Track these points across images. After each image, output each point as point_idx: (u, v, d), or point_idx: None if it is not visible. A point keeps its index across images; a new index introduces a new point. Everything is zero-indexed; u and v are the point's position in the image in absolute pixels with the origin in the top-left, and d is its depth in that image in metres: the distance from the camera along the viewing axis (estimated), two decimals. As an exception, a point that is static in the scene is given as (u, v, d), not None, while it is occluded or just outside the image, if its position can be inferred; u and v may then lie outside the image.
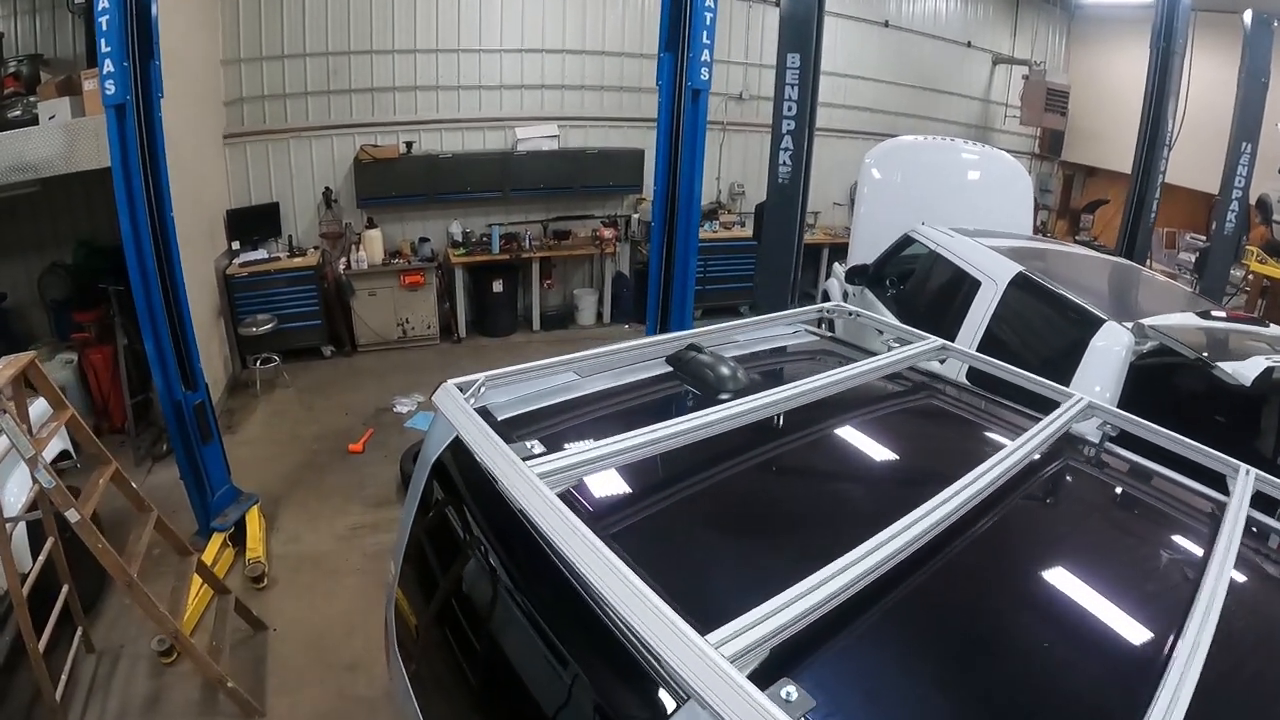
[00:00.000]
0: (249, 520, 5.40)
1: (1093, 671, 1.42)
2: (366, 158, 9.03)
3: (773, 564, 1.65)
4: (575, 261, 10.66)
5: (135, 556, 3.67)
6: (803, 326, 3.19)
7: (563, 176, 9.92)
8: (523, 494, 1.54)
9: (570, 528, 1.42)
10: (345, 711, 4.02)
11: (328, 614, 4.74)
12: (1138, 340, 3.69)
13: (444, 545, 2.21)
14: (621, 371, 2.52)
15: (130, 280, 4.59)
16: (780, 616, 1.24)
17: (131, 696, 4.06)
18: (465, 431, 1.86)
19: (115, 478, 3.90)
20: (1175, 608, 1.49)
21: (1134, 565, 1.84)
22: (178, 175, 5.98)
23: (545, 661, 1.57)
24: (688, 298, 5.75)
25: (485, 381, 2.15)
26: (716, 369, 2.40)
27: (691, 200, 5.47)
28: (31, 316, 7.19)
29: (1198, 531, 1.90)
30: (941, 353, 2.77)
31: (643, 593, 1.25)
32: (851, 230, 7.90)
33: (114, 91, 4.24)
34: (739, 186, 11.20)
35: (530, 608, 1.66)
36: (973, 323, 4.66)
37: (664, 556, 1.65)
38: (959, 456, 2.26)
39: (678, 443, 1.83)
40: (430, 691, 2.16)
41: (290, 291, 8.59)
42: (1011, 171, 7.85)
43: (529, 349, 9.73)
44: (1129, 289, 5.31)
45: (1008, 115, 12.82)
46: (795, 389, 2.16)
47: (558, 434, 2.16)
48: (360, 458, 6.77)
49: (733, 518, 1.88)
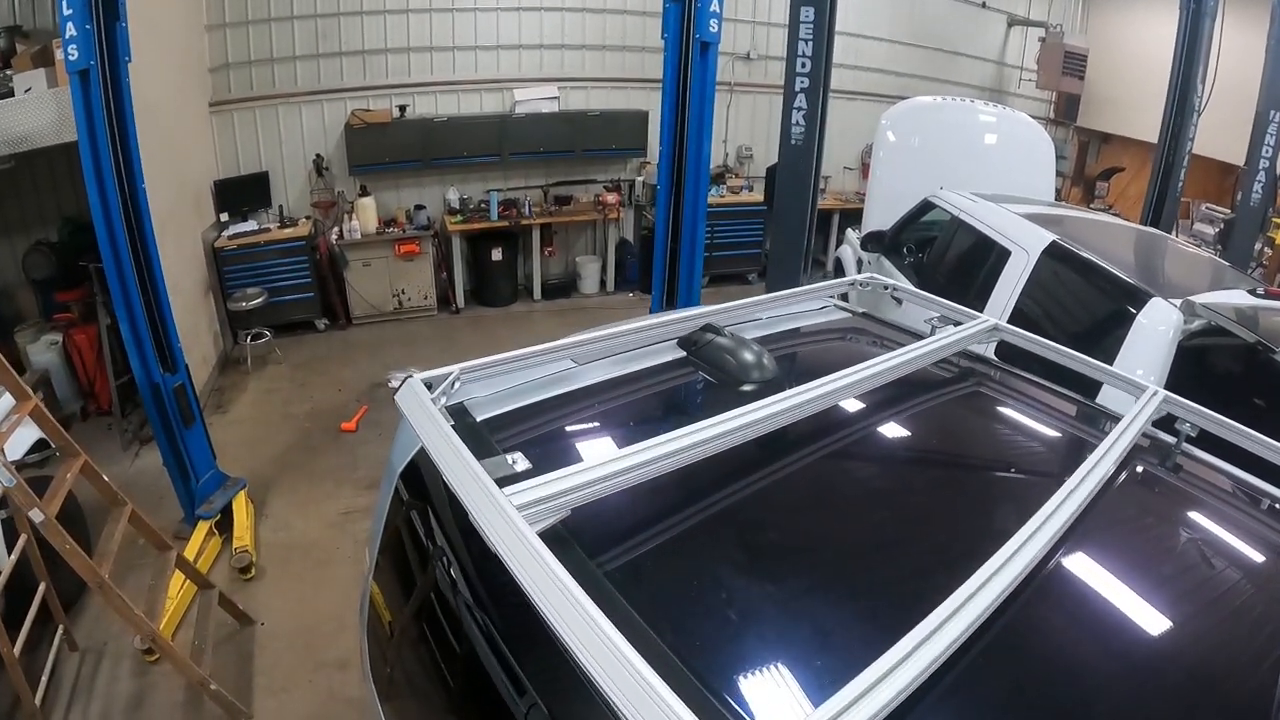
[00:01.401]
0: (236, 507, 5.16)
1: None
2: (358, 123, 8.70)
3: (832, 629, 1.33)
4: (577, 228, 10.34)
5: (107, 556, 3.41)
6: (831, 301, 2.86)
7: (563, 140, 9.59)
8: (496, 532, 1.23)
9: (558, 588, 1.11)
10: (335, 714, 3.81)
11: (317, 607, 4.51)
12: (1186, 319, 3.40)
13: (410, 578, 1.91)
14: (627, 357, 2.20)
15: (101, 256, 4.32)
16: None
17: (115, 697, 3.86)
18: (430, 443, 1.51)
19: (85, 470, 3.64)
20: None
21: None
22: (160, 146, 5.77)
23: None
24: (696, 266, 5.49)
25: (460, 375, 1.83)
26: (739, 354, 2.10)
27: (700, 161, 5.20)
28: (20, 298, 6.93)
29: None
30: (994, 334, 2.43)
31: (659, 694, 0.94)
32: (866, 195, 7.59)
33: (77, 56, 3.96)
34: (747, 150, 10.83)
35: (508, 659, 1.36)
36: (1001, 295, 4.35)
37: (687, 623, 1.29)
38: (1032, 469, 1.99)
39: (693, 456, 1.50)
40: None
41: (281, 264, 8.31)
42: (1033, 135, 7.51)
43: (530, 319, 9.47)
44: (1167, 261, 4.99)
45: (1023, 78, 12.33)
46: (836, 382, 1.81)
47: (549, 440, 1.87)
48: (353, 437, 6.54)
49: (771, 559, 1.53)
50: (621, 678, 0.97)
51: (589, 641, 1.03)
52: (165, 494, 5.11)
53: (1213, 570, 1.62)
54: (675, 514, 1.52)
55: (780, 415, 1.66)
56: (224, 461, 5.43)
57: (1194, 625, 1.44)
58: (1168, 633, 1.39)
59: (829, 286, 2.85)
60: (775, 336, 2.51)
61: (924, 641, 1.08)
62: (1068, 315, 4.15)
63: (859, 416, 1.95)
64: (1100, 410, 2.24)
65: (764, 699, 1.15)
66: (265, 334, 8.01)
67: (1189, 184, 8.20)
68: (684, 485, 1.55)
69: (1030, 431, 2.18)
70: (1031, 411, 2.22)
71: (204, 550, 4.75)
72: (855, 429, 1.93)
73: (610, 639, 1.02)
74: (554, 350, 2.03)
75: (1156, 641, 1.39)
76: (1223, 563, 1.65)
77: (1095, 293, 3.93)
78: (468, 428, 1.77)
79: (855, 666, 1.03)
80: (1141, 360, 3.40)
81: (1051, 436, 2.17)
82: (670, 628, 1.23)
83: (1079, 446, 2.06)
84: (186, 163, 7.41)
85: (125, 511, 3.75)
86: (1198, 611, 1.47)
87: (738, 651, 1.24)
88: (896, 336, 2.54)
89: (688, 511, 1.53)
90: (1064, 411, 2.24)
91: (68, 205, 6.79)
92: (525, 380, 2.01)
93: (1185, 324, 3.40)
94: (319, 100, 8.81)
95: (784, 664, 1.22)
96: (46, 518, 3.12)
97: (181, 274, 6.67)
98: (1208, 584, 1.57)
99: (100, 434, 6.29)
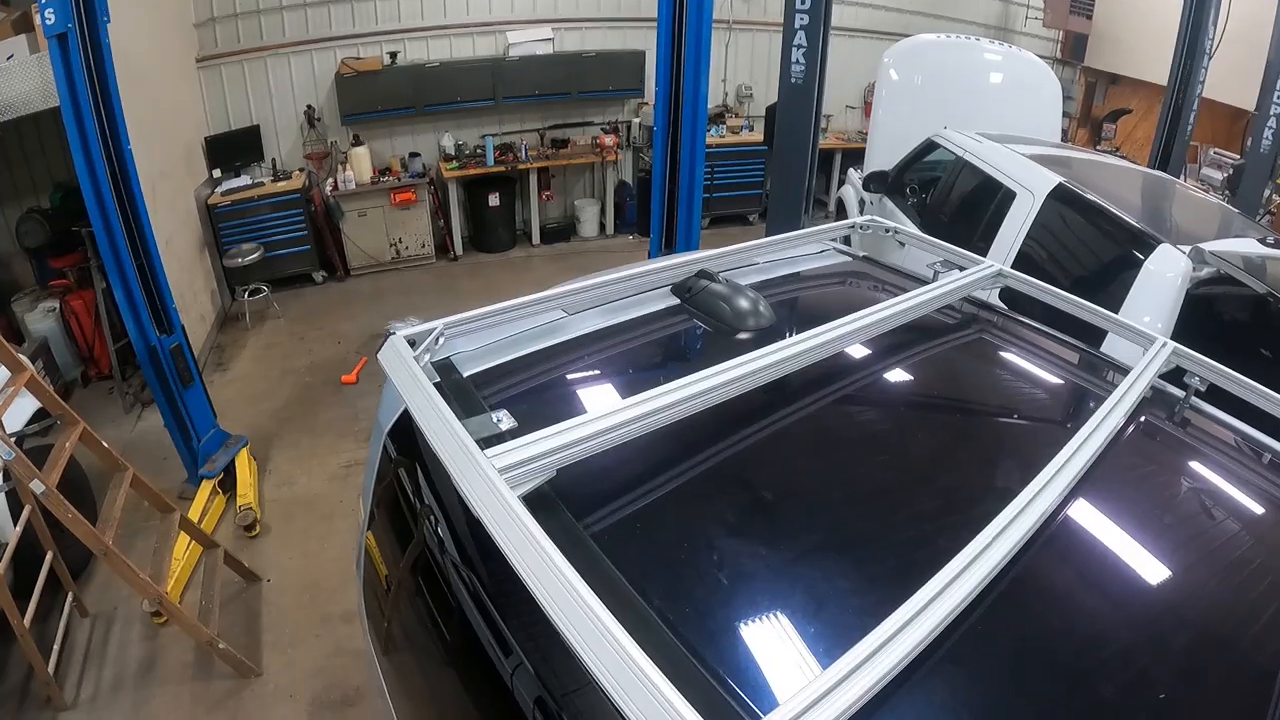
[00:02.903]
0: (239, 464, 5.16)
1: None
2: (349, 71, 8.51)
3: (834, 590, 1.28)
4: (575, 171, 10.21)
5: (110, 522, 3.42)
6: (831, 245, 2.78)
7: (559, 82, 9.41)
8: (478, 496, 1.19)
9: (539, 555, 1.07)
10: (343, 667, 3.83)
11: (322, 561, 4.54)
12: (1195, 266, 3.32)
13: (401, 534, 1.87)
14: (619, 305, 2.13)
15: (91, 221, 4.24)
16: (856, 681, 0.93)
17: (127, 661, 3.89)
18: (412, 404, 1.47)
19: (84, 438, 3.63)
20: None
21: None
22: (146, 106, 5.65)
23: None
24: (695, 208, 5.39)
25: (444, 330, 1.77)
26: (734, 301, 2.04)
27: (698, 101, 5.06)
28: (15, 267, 6.83)
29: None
30: (998, 280, 2.36)
31: (645, 674, 0.91)
32: (869, 134, 7.46)
33: (54, 20, 3.83)
34: (746, 89, 10.62)
35: (495, 619, 1.33)
36: (1006, 238, 4.27)
37: (678, 586, 1.25)
38: (1040, 420, 1.95)
39: (685, 411, 1.45)
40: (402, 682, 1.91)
41: (276, 218, 8.20)
42: (1039, 74, 7.34)
43: (529, 264, 9.41)
44: (1176, 207, 4.86)
45: (1029, 16, 11.95)
46: (835, 330, 1.75)
47: (538, 394, 1.82)
48: (354, 389, 6.52)
49: (768, 516, 1.47)
50: (603, 650, 0.95)
51: (570, 611, 1.00)
52: (169, 455, 5.10)
53: (1224, 524, 1.59)
54: (667, 471, 1.47)
55: (778, 365, 1.60)
56: (225, 420, 5.42)
57: (1207, 580, 1.41)
58: (1182, 587, 1.38)
59: (829, 229, 2.77)
60: (773, 282, 2.44)
61: (934, 599, 1.06)
62: (1073, 260, 4.06)
63: (860, 365, 1.90)
64: (1107, 361, 2.19)
65: (762, 663, 1.11)
66: (263, 289, 7.93)
67: (1197, 128, 8.06)
68: (676, 441, 1.50)
69: (1037, 381, 2.12)
70: (1038, 360, 2.16)
71: (208, 510, 4.76)
72: (856, 378, 1.87)
73: (591, 609, 0.99)
74: (542, 301, 1.97)
75: (1171, 596, 1.37)
76: (1234, 516, 1.62)
77: (1102, 237, 3.84)
78: (454, 384, 1.72)
79: (861, 628, 1.00)
80: (1148, 308, 3.32)
81: (1059, 387, 2.12)
82: (660, 592, 1.20)
83: (1087, 398, 2.00)
84: (175, 121, 7.26)
85: (127, 476, 3.76)
86: (1211, 565, 1.44)
87: (733, 615, 1.20)
88: (898, 281, 2.47)
89: (680, 468, 1.48)
90: (1071, 361, 2.19)
91: (59, 171, 6.66)
92: (515, 332, 1.95)
93: (1194, 272, 3.32)
94: (308, 50, 8.60)
95: (783, 627, 1.18)
96: (47, 488, 3.12)
97: (175, 233, 6.61)
98: (1219, 537, 1.54)
99: (102, 398, 6.28)
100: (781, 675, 1.10)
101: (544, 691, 1.17)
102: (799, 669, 1.10)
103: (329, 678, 3.80)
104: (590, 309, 2.09)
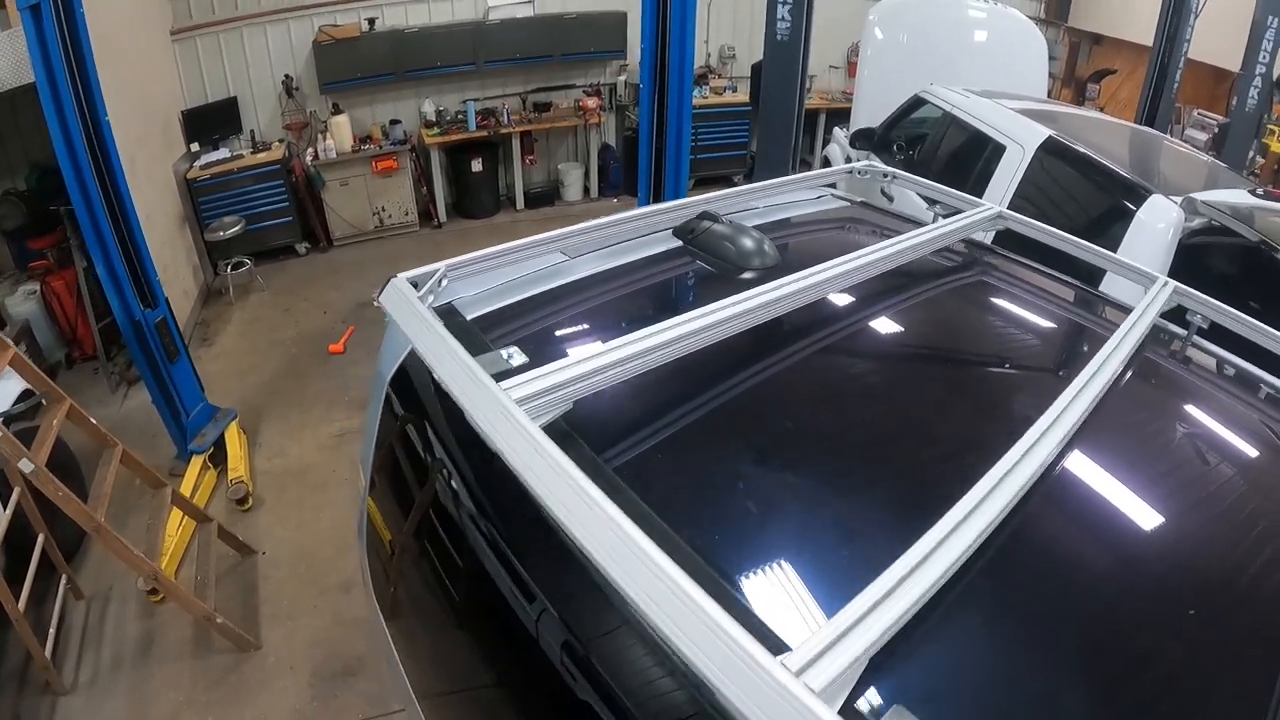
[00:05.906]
0: (228, 438, 5.13)
1: None
2: (326, 39, 8.35)
3: (856, 525, 1.27)
4: (558, 135, 10.10)
5: (101, 499, 3.38)
6: (828, 191, 2.75)
7: (540, 45, 9.26)
8: (497, 429, 1.15)
9: (568, 484, 1.03)
10: (341, 638, 3.84)
11: (316, 532, 4.53)
12: (1187, 216, 3.31)
13: (407, 492, 1.84)
14: (620, 249, 2.10)
15: (70, 195, 4.15)
16: (878, 617, 0.90)
17: (124, 641, 3.87)
18: (419, 342, 1.41)
19: (72, 415, 3.58)
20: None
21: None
22: (122, 80, 5.53)
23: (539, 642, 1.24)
24: (682, 165, 5.32)
25: (446, 272, 1.71)
26: (738, 241, 2.00)
27: (684, 59, 4.97)
28: (-5, 250, 6.73)
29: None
30: (999, 221, 2.34)
31: (686, 593, 0.88)
32: (854, 93, 7.39)
33: (25, -9, 3.72)
34: (729, 50, 10.48)
35: (515, 565, 1.31)
36: (996, 191, 4.26)
37: (703, 521, 1.23)
38: (1044, 360, 1.95)
39: (697, 343, 1.42)
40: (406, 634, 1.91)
41: (257, 190, 8.07)
42: (1024, 32, 7.30)
43: (514, 229, 9.27)
44: (1164, 160, 4.85)
45: (1013, -26, 11.89)
46: (842, 265, 1.73)
47: (545, 335, 1.78)
48: (342, 358, 6.48)
49: (781, 453, 1.46)
50: (645, 577, 0.91)
51: (605, 540, 0.96)
52: (158, 432, 5.06)
53: (1232, 463, 1.59)
54: (680, 406, 1.45)
55: (786, 300, 1.58)
56: (213, 394, 5.38)
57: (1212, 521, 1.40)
58: (1188, 531, 1.38)
59: (827, 174, 2.75)
60: (773, 225, 2.40)
61: (943, 542, 1.03)
62: (1064, 213, 4.05)
63: (864, 304, 1.87)
64: (1108, 300, 2.18)
65: (784, 601, 1.10)
66: (246, 262, 7.82)
67: (1181, 90, 8.05)
68: (687, 377, 1.48)
69: (1039, 321, 2.11)
70: (1039, 301, 2.15)
71: (200, 485, 4.72)
72: (861, 316, 1.85)
73: (630, 536, 0.95)
74: (544, 242, 1.91)
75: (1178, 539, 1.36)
76: (1241, 456, 1.62)
77: (1093, 189, 3.84)
78: (458, 326, 1.67)
79: (871, 570, 0.98)
80: (1140, 258, 3.27)
81: (1061, 327, 2.12)
82: (687, 524, 1.18)
83: (1090, 337, 2.00)
84: (151, 95, 7.12)
85: (116, 453, 3.71)
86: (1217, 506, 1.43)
87: (752, 553, 1.18)
88: (898, 225, 2.44)
89: (692, 404, 1.46)
90: (1072, 301, 2.19)
91: (34, 151, 6.48)
92: (515, 276, 1.91)
93: (1186, 221, 3.32)
94: (284, 19, 8.43)
95: (800, 567, 1.16)
96: (36, 466, 3.08)
97: (155, 208, 6.49)
98: (1226, 477, 1.54)
99: (87, 379, 6.20)
100: (809, 608, 1.09)
101: (571, 636, 1.16)
102: (829, 597, 1.09)
103: (329, 648, 3.80)
104: (591, 252, 2.05)
